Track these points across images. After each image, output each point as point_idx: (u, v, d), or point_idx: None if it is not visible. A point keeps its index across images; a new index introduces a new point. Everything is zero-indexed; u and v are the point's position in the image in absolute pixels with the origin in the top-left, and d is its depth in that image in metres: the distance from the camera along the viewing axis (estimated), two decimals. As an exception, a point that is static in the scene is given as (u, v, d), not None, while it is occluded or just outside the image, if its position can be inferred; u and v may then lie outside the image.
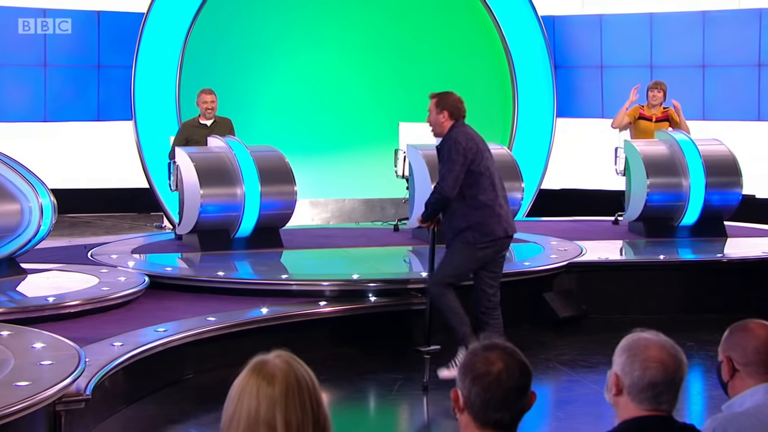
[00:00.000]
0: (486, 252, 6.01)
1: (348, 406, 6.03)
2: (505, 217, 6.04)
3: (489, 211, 5.98)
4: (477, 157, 5.97)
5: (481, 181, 5.98)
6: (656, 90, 9.62)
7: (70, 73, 11.92)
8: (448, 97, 6.18)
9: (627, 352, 2.42)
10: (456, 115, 6.10)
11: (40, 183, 7.17)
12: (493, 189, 6.01)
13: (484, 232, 5.98)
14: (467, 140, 6.02)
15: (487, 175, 6.00)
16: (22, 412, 4.32)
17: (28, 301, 6.60)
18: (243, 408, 1.91)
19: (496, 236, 5.99)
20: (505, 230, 6.01)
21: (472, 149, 5.99)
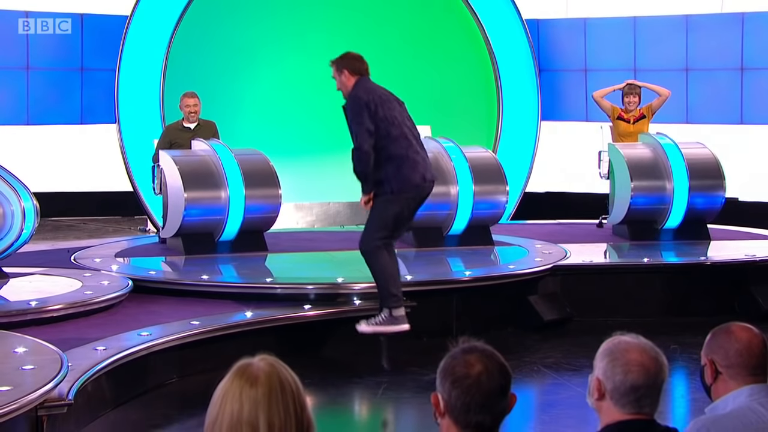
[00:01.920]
0: (408, 201, 6.03)
1: (333, 410, 6.03)
2: (422, 163, 6.04)
3: (402, 160, 5.99)
4: (380, 108, 5.99)
5: (391, 131, 5.99)
6: (631, 96, 9.72)
7: (53, 76, 11.90)
8: (343, 57, 6.26)
9: (608, 356, 2.43)
10: (356, 70, 6.15)
11: (22, 186, 7.14)
12: (405, 137, 6.01)
13: (401, 180, 6.00)
14: (367, 93, 6.05)
15: (396, 124, 6.00)
16: (4, 417, 4.31)
17: (10, 306, 6.57)
18: (226, 410, 1.91)
19: (413, 183, 6.02)
20: (423, 176, 6.02)
21: (374, 100, 6.01)
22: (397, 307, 6.03)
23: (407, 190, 6.00)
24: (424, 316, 7.15)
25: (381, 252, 6.07)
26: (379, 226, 6.09)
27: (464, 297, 7.49)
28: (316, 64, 11.82)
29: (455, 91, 12.10)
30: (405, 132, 6.01)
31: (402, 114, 6.07)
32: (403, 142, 5.98)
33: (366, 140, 5.94)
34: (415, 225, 8.76)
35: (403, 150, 5.98)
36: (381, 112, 5.97)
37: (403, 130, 6.00)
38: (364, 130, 5.95)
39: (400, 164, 5.98)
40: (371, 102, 5.99)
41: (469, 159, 8.83)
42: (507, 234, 9.36)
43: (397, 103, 6.12)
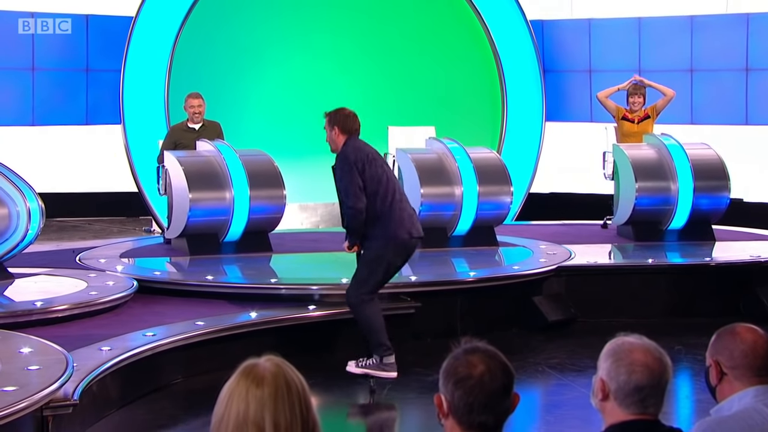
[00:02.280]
0: (395, 257, 6.11)
1: (337, 411, 6.05)
2: (408, 219, 6.11)
3: (389, 217, 6.06)
4: (368, 166, 6.07)
5: (378, 189, 6.07)
6: (636, 96, 9.71)
7: (59, 76, 11.91)
8: (337, 113, 6.28)
9: (612, 356, 2.43)
10: (347, 129, 6.19)
11: (27, 187, 7.17)
12: (392, 194, 6.09)
13: (388, 237, 6.07)
14: (356, 152, 6.12)
15: (383, 182, 6.08)
16: (9, 417, 4.32)
17: (15, 306, 6.60)
18: (232, 409, 1.92)
19: (400, 240, 6.07)
20: (409, 232, 6.08)
21: (361, 159, 6.09)
22: (388, 355, 6.08)
23: (394, 247, 6.08)
24: (428, 316, 7.21)
25: (368, 305, 6.15)
26: (366, 282, 6.19)
27: (469, 298, 7.51)
28: (321, 65, 11.88)
29: (460, 92, 12.11)
30: (392, 189, 6.10)
31: (388, 172, 6.18)
32: (389, 199, 6.08)
33: (357, 200, 6.05)
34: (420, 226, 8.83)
35: (388, 207, 6.07)
36: (368, 171, 6.06)
37: (389, 187, 6.10)
38: (354, 189, 6.05)
39: (388, 222, 6.07)
40: (359, 161, 6.08)
41: (474, 160, 8.85)
42: (511, 235, 9.38)
43: (383, 162, 6.23)
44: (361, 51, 11.95)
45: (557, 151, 12.30)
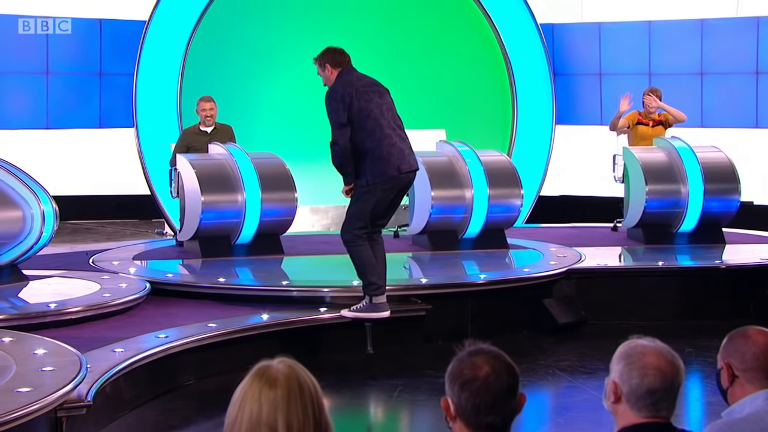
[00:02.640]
0: (385, 192, 6.09)
1: (349, 412, 6.06)
2: (397, 155, 6.05)
3: (376, 152, 6.04)
4: (355, 101, 6.04)
5: (366, 124, 6.03)
6: (651, 97, 9.68)
7: (72, 80, 11.96)
8: (324, 52, 6.30)
9: (624, 359, 2.42)
10: (337, 63, 6.20)
11: (42, 190, 7.19)
12: (380, 129, 6.04)
13: (375, 173, 6.06)
14: (344, 86, 6.10)
15: (372, 116, 6.04)
16: (24, 418, 4.34)
17: (30, 308, 6.62)
18: (245, 411, 1.93)
19: (388, 175, 6.06)
20: (398, 167, 6.05)
21: (349, 93, 6.06)
22: (378, 294, 6.13)
23: (382, 183, 6.06)
24: (439, 319, 7.22)
25: (360, 243, 6.17)
26: (357, 218, 6.20)
27: (479, 300, 7.51)
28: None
29: (470, 95, 12.12)
30: (382, 124, 6.04)
31: (380, 105, 6.09)
32: (378, 134, 6.03)
33: (341, 134, 6.04)
34: (431, 228, 8.84)
35: (376, 142, 6.03)
36: (356, 104, 6.03)
37: (379, 121, 6.04)
38: (338, 124, 6.06)
39: (375, 157, 6.04)
40: (346, 95, 6.06)
41: (484, 162, 8.86)
42: (522, 237, 9.39)
43: (377, 94, 6.14)
44: (372, 55, 11.93)
45: (567, 154, 12.30)
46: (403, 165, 6.06)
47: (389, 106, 6.19)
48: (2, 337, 5.57)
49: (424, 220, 8.81)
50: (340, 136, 6.04)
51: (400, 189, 6.17)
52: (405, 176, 6.11)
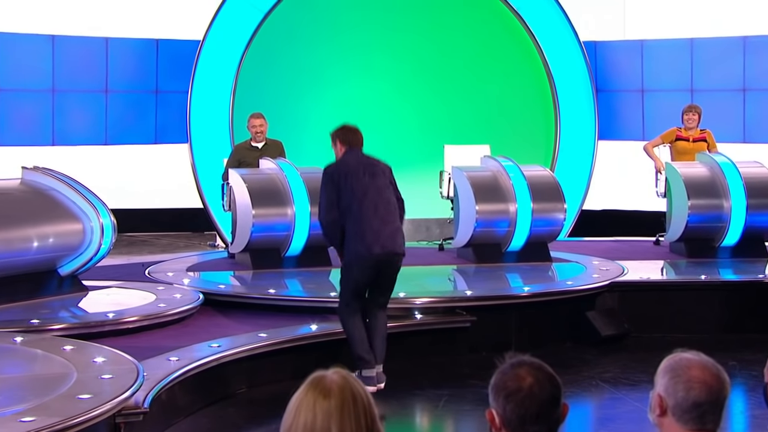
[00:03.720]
0: (361, 271, 6.15)
1: (395, 422, 6.08)
2: (372, 235, 6.08)
3: (352, 232, 6.10)
4: (343, 180, 6.12)
5: (350, 204, 6.11)
6: (691, 113, 9.70)
7: (130, 98, 12.12)
8: (339, 129, 6.37)
9: (669, 372, 2.39)
10: (345, 141, 6.28)
11: (101, 203, 7.34)
12: (359, 210, 6.08)
13: (350, 251, 6.14)
14: (337, 165, 6.22)
15: (355, 197, 6.10)
16: (85, 423, 4.44)
17: (89, 317, 6.77)
18: (300, 420, 1.97)
19: (360, 255, 6.09)
20: (369, 249, 6.07)
21: (339, 172, 6.16)
22: (366, 368, 6.18)
23: (356, 262, 6.15)
24: (483, 330, 7.27)
25: (350, 316, 6.23)
26: (343, 293, 6.32)
27: (523, 312, 7.57)
28: (379, 86, 11.99)
29: (514, 112, 12.08)
30: (362, 205, 6.09)
31: (367, 186, 6.13)
32: (356, 215, 6.10)
33: (325, 214, 6.19)
34: (475, 241, 8.91)
35: (353, 223, 6.12)
36: (342, 184, 6.12)
37: (361, 202, 6.10)
38: (324, 203, 6.21)
39: (351, 237, 6.14)
40: (335, 173, 6.18)
41: (528, 177, 8.89)
42: (565, 251, 9.38)
43: (369, 175, 6.17)
44: (417, 72, 12.00)
45: (610, 169, 12.24)
46: (374, 247, 6.08)
47: (380, 186, 6.18)
48: (64, 346, 5.69)
49: (469, 234, 8.86)
50: (325, 213, 6.19)
51: (379, 269, 6.16)
52: (377, 257, 6.10)
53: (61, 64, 11.71)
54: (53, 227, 7.18)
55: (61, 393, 4.76)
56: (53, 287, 7.24)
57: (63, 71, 11.73)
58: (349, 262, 6.19)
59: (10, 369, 5.53)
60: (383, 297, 6.32)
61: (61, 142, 11.81)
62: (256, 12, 11.11)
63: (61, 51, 11.70)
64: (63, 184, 7.38)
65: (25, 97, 11.69)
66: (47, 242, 7.12)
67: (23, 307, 6.84)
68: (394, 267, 6.26)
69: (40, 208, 7.21)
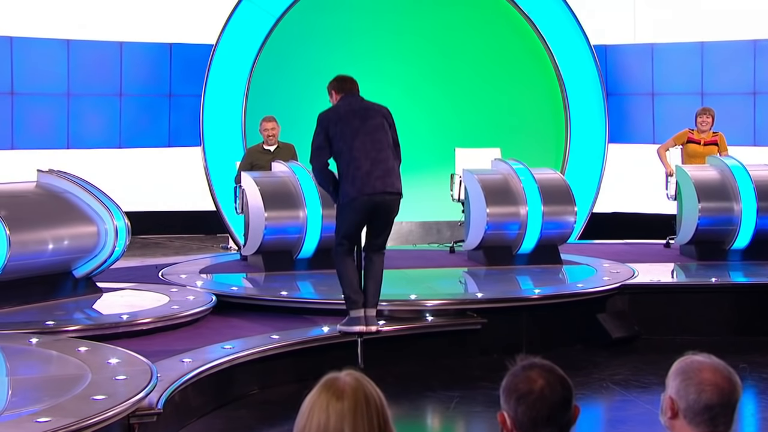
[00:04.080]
0: (354, 212, 6.18)
1: (407, 423, 6.09)
2: (362, 177, 6.12)
3: (344, 175, 6.16)
4: (332, 126, 6.18)
5: (341, 148, 6.16)
6: (705, 116, 9.70)
7: (144, 102, 12.17)
8: (333, 79, 6.48)
9: (681, 375, 2.39)
10: (340, 89, 6.37)
11: (115, 206, 7.39)
12: (348, 152, 6.13)
13: (343, 193, 6.19)
14: (329, 111, 6.29)
15: (345, 140, 6.14)
16: (100, 424, 4.48)
17: (103, 319, 6.81)
18: (313, 421, 1.98)
19: (351, 197, 6.13)
20: (360, 190, 6.11)
21: (330, 118, 6.22)
22: (353, 308, 6.24)
23: (348, 203, 6.20)
24: (494, 333, 7.30)
25: (342, 257, 6.29)
26: (337, 232, 6.38)
27: (534, 314, 7.59)
28: (391, 90, 11.98)
29: (525, 115, 12.09)
30: (352, 146, 6.13)
31: (357, 129, 6.17)
32: (347, 157, 6.15)
33: (314, 157, 6.27)
34: (486, 244, 8.95)
35: (345, 165, 6.19)
36: (332, 130, 6.19)
37: (353, 144, 6.13)
38: (313, 148, 6.28)
39: (343, 178, 6.21)
40: (326, 119, 6.26)
41: (539, 180, 8.93)
42: (575, 253, 9.40)
43: (359, 118, 6.20)
44: (428, 76, 12.01)
45: (620, 172, 12.24)
46: (366, 188, 6.12)
47: (370, 129, 6.20)
48: (79, 347, 5.72)
49: (480, 236, 8.89)
50: (313, 158, 6.27)
51: (372, 210, 6.19)
52: (368, 198, 6.13)
53: (76, 68, 11.77)
54: (68, 230, 7.23)
55: (76, 394, 4.79)
56: (68, 289, 7.30)
57: (78, 75, 11.79)
58: (342, 204, 6.24)
59: (25, 370, 5.58)
60: (378, 239, 6.33)
61: (75, 145, 11.87)
62: (268, 17, 11.16)
63: (76, 55, 11.76)
64: (78, 187, 7.43)
65: (41, 100, 11.75)
66: (62, 244, 7.17)
67: (39, 309, 6.90)
68: (388, 207, 6.22)
69: (55, 210, 7.27)
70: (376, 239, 6.33)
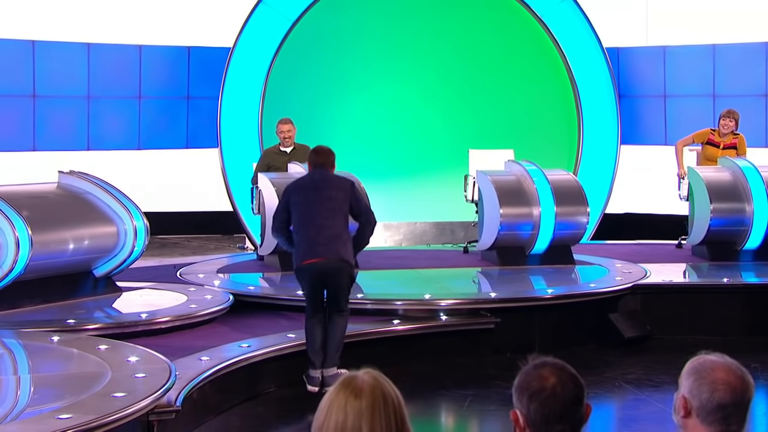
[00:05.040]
0: (302, 277, 6.35)
1: (421, 421, 6.12)
2: (303, 246, 6.28)
3: (296, 244, 6.32)
4: (292, 196, 6.36)
5: (294, 219, 6.34)
6: (728, 119, 9.63)
7: (162, 104, 12.25)
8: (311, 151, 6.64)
9: (694, 374, 2.39)
10: (312, 163, 6.50)
11: (134, 206, 7.47)
12: (298, 223, 6.31)
13: (294, 261, 6.38)
14: (294, 182, 6.50)
15: (297, 211, 6.32)
16: (120, 421, 4.55)
17: (123, 317, 6.90)
18: (331, 419, 1.99)
19: (295, 266, 6.34)
20: (303, 258, 6.27)
21: (291, 189, 6.41)
22: (312, 368, 6.32)
23: (297, 270, 6.37)
24: (507, 332, 7.35)
25: (307, 320, 6.39)
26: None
27: (547, 314, 7.63)
28: (405, 92, 12.06)
29: (538, 117, 12.09)
30: (303, 217, 6.31)
31: (309, 200, 6.34)
32: (296, 226, 6.34)
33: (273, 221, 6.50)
34: (499, 244, 8.98)
35: (294, 234, 6.36)
36: (292, 199, 6.38)
37: (302, 216, 6.31)
38: (274, 215, 6.54)
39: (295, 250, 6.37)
40: (289, 189, 6.45)
41: (551, 181, 8.96)
42: (588, 253, 9.43)
43: (313, 190, 6.35)
44: (442, 78, 12.02)
45: (632, 173, 12.24)
46: (307, 255, 6.27)
47: (322, 199, 6.34)
48: (99, 345, 5.80)
49: (493, 237, 8.94)
50: (273, 227, 6.52)
51: (318, 275, 6.30)
52: (311, 265, 6.26)
53: (96, 71, 11.85)
54: (88, 230, 7.31)
55: (96, 391, 4.87)
56: (88, 288, 7.38)
57: (98, 78, 11.86)
58: (294, 270, 6.42)
59: (47, 368, 5.66)
60: (333, 302, 6.38)
61: (96, 146, 11.94)
62: (284, 20, 11.23)
63: (96, 58, 11.85)
64: (98, 188, 7.52)
65: (62, 103, 11.82)
66: (83, 244, 7.25)
67: (60, 308, 6.98)
68: (333, 273, 6.27)
69: (75, 211, 7.35)
70: (332, 303, 6.41)
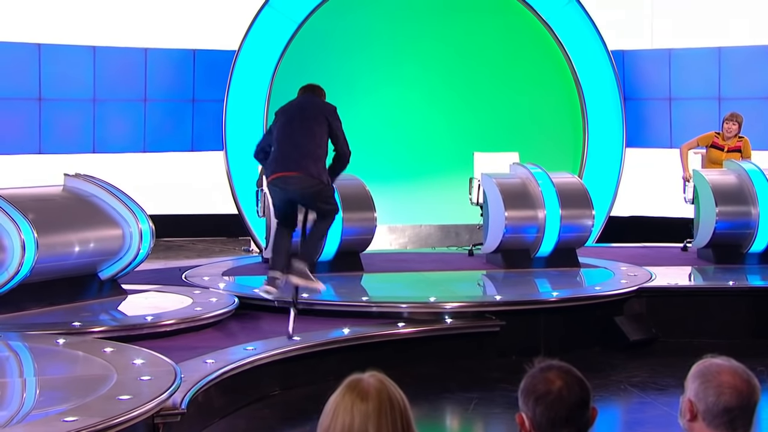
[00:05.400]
0: (275, 192, 6.60)
1: (426, 424, 6.11)
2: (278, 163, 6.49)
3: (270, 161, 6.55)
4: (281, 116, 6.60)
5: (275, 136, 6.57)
6: (731, 122, 9.64)
7: (168, 107, 12.28)
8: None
9: (700, 378, 2.40)
10: (301, 89, 6.85)
11: (139, 209, 7.49)
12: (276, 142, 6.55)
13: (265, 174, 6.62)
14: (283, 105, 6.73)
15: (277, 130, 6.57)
16: (125, 424, 4.54)
17: (128, 320, 6.89)
18: (338, 422, 2.01)
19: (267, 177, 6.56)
20: (274, 170, 6.50)
21: (280, 110, 6.67)
22: (272, 270, 6.58)
23: (269, 183, 6.62)
24: (512, 335, 7.34)
25: (276, 231, 6.71)
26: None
27: (552, 317, 7.63)
28: (410, 95, 12.08)
29: (543, 120, 12.12)
30: (282, 135, 6.54)
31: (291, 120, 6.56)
32: (276, 142, 6.57)
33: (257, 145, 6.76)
34: (504, 247, 8.99)
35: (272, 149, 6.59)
36: (278, 119, 6.64)
37: (281, 133, 6.55)
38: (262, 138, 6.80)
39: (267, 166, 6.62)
40: (277, 111, 6.73)
41: (556, 184, 8.97)
42: (593, 256, 9.44)
43: (298, 108, 6.64)
44: (447, 81, 12.05)
45: (638, 176, 12.24)
46: (277, 169, 6.50)
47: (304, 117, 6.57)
48: (104, 348, 5.78)
49: (498, 240, 8.95)
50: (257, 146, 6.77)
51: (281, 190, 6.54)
52: (279, 179, 6.48)
53: (101, 74, 11.88)
54: (94, 232, 7.33)
55: (101, 394, 4.84)
56: (94, 291, 7.39)
57: (103, 81, 11.89)
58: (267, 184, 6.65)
59: (52, 370, 5.66)
60: (312, 213, 6.64)
61: (101, 149, 11.96)
62: (290, 23, 11.26)
63: (102, 61, 11.88)
64: (103, 191, 7.53)
65: (67, 106, 11.85)
66: (88, 247, 7.27)
67: (65, 310, 6.99)
68: (300, 187, 6.46)
69: (81, 214, 7.36)
70: (309, 215, 6.67)
